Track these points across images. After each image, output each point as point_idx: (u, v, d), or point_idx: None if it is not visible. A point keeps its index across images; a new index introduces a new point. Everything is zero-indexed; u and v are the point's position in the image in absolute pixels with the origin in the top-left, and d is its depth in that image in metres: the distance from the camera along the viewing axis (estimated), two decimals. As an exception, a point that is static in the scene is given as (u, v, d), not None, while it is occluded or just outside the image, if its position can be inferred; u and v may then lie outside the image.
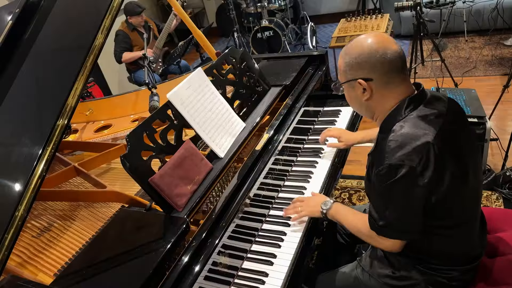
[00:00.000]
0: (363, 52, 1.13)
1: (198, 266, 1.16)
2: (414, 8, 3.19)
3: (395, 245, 1.20)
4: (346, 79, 1.20)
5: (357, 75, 1.16)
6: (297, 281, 1.30)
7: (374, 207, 1.19)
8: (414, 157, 1.05)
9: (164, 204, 1.27)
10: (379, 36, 1.15)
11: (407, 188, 1.09)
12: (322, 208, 1.40)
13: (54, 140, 1.18)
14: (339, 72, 1.24)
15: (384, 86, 1.15)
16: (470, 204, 1.21)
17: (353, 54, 1.15)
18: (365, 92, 1.17)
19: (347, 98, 1.27)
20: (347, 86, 1.22)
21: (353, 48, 1.16)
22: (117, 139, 2.08)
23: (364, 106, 1.23)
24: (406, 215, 1.13)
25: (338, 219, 1.38)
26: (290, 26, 5.57)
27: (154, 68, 3.94)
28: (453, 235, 1.20)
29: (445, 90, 2.82)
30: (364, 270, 1.40)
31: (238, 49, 1.84)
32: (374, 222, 1.19)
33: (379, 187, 1.13)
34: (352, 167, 2.88)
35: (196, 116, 1.50)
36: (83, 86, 1.26)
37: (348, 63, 1.17)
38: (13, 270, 1.22)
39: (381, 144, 1.14)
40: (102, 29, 1.32)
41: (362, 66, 1.14)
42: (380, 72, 1.13)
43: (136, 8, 3.87)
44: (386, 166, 1.09)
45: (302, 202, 1.47)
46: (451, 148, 1.11)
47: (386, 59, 1.12)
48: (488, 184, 2.47)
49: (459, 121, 1.19)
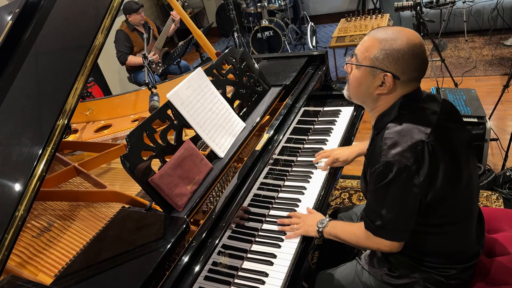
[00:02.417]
0: (405, 49, 1.07)
1: (198, 266, 1.16)
2: (414, 8, 3.19)
3: (393, 245, 1.19)
4: (372, 64, 1.11)
5: (389, 68, 1.09)
6: (297, 281, 1.29)
7: (369, 207, 1.20)
8: (408, 155, 1.05)
9: (164, 204, 1.28)
10: (420, 39, 1.09)
11: (402, 187, 1.09)
12: (318, 226, 1.37)
13: (54, 140, 1.18)
14: (363, 52, 1.13)
15: (402, 87, 1.13)
16: (465, 202, 1.20)
17: (393, 46, 1.07)
18: (382, 85, 1.12)
19: (356, 79, 1.17)
20: (367, 71, 1.13)
21: (395, 38, 1.08)
22: (117, 139, 2.08)
23: (372, 97, 1.18)
24: (403, 214, 1.13)
25: (335, 233, 1.34)
26: (290, 26, 5.57)
27: (154, 68, 3.94)
28: (448, 233, 1.20)
29: (445, 90, 2.82)
30: (363, 269, 1.40)
31: (238, 49, 1.84)
32: (370, 222, 1.19)
33: (375, 186, 1.13)
34: (352, 167, 2.87)
35: (196, 116, 1.50)
36: (83, 86, 1.26)
37: (384, 51, 1.08)
38: (13, 270, 1.22)
39: (376, 141, 1.14)
40: (102, 29, 1.32)
41: (399, 62, 1.08)
42: (409, 77, 1.10)
43: (133, 5, 3.87)
44: (382, 164, 1.08)
45: (299, 219, 1.42)
46: (444, 146, 1.11)
47: (421, 68, 1.09)
48: (488, 184, 2.47)
49: (453, 120, 1.19)
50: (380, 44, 1.09)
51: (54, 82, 1.33)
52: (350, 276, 1.44)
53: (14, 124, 1.30)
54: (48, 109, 1.26)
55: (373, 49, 1.10)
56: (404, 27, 1.15)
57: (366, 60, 1.13)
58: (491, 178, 2.46)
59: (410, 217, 1.14)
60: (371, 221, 1.19)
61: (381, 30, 1.12)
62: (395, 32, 1.09)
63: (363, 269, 1.40)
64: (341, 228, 1.35)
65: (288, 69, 2.04)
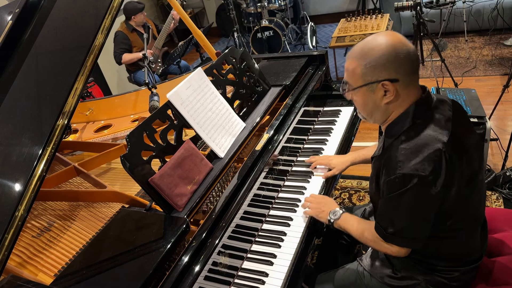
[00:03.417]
0: (386, 52, 1.06)
1: (198, 266, 1.16)
2: (414, 8, 3.19)
3: (401, 250, 1.19)
4: (365, 82, 1.12)
5: (381, 76, 1.09)
6: (297, 281, 1.30)
7: (382, 214, 1.18)
8: (426, 166, 1.04)
9: (164, 204, 1.28)
10: (395, 35, 1.09)
11: (418, 197, 1.08)
12: (330, 216, 1.38)
13: (54, 140, 1.18)
14: (351, 77, 1.15)
15: (406, 87, 1.11)
16: (475, 206, 1.20)
17: (373, 56, 1.08)
18: (386, 94, 1.11)
19: (360, 103, 1.18)
20: (364, 90, 1.13)
21: (370, 49, 1.09)
22: (117, 139, 2.08)
23: (381, 110, 1.16)
24: (416, 223, 1.13)
25: (345, 227, 1.36)
26: (290, 26, 5.57)
27: (154, 68, 3.94)
28: (455, 238, 1.20)
29: (445, 90, 2.82)
30: (365, 270, 1.40)
31: (238, 49, 1.84)
32: (382, 229, 1.18)
33: (389, 194, 1.12)
34: (352, 167, 2.86)
35: (196, 116, 1.50)
36: (83, 86, 1.26)
37: (369, 65, 1.09)
38: (13, 270, 1.22)
39: (390, 150, 1.12)
40: (102, 29, 1.32)
41: (386, 67, 1.07)
42: (405, 73, 1.08)
43: (137, 5, 3.86)
44: (399, 176, 1.07)
45: (315, 200, 1.45)
46: (460, 152, 1.10)
47: (409, 58, 1.07)
48: (488, 184, 2.47)
49: (464, 122, 1.18)
50: (360, 61, 1.10)
51: (54, 82, 1.33)
52: (351, 278, 1.43)
53: (14, 124, 1.30)
54: (48, 109, 1.26)
55: (357, 69, 1.11)
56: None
57: (358, 81, 1.13)
58: (491, 178, 2.46)
59: (423, 226, 1.13)
60: (382, 227, 1.18)
61: (355, 48, 1.13)
62: (369, 42, 1.10)
63: (365, 271, 1.40)
64: (351, 224, 1.35)
65: (288, 69, 2.04)
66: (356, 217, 1.38)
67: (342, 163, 1.65)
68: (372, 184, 1.24)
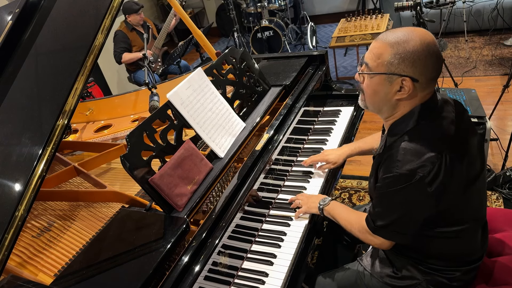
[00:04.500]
0: (420, 49, 1.01)
1: (198, 266, 1.16)
2: (414, 8, 3.18)
3: (384, 243, 1.20)
4: (387, 70, 1.05)
5: (405, 71, 1.03)
6: (297, 281, 1.30)
7: (375, 207, 1.19)
8: (424, 168, 1.04)
9: (164, 204, 1.28)
10: (433, 38, 1.04)
11: (412, 197, 1.08)
12: (320, 204, 1.41)
13: (54, 140, 1.18)
14: (374, 60, 1.08)
15: (422, 90, 1.08)
16: (476, 206, 1.20)
17: (407, 48, 1.02)
18: (401, 90, 1.07)
19: (371, 90, 1.13)
20: (382, 78, 1.08)
21: (406, 40, 1.02)
22: (117, 139, 2.08)
23: (390, 104, 1.12)
24: (406, 220, 1.14)
25: (333, 215, 1.38)
26: (290, 26, 5.57)
27: (154, 68, 3.94)
28: (456, 238, 1.20)
29: (445, 90, 2.82)
30: (365, 270, 1.40)
31: (238, 49, 1.84)
32: (372, 221, 1.19)
33: (385, 190, 1.12)
34: (352, 167, 2.87)
35: (196, 116, 1.50)
36: (83, 86, 1.26)
37: (398, 55, 1.03)
38: (13, 270, 1.22)
39: (391, 148, 1.12)
40: (102, 29, 1.32)
41: (415, 65, 1.02)
42: (427, 77, 1.05)
43: (133, 6, 3.87)
44: (396, 175, 1.07)
45: (303, 197, 1.49)
46: (462, 154, 1.10)
47: (438, 65, 1.05)
48: (488, 184, 2.47)
49: (466, 123, 1.18)
50: (392, 48, 1.04)
51: (54, 82, 1.33)
52: (351, 278, 1.43)
53: (14, 124, 1.30)
54: (48, 109, 1.26)
55: (385, 55, 1.05)
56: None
57: (379, 67, 1.07)
58: (491, 178, 2.46)
59: (413, 224, 1.14)
60: (372, 220, 1.19)
61: (390, 34, 1.06)
62: (406, 34, 1.04)
63: (365, 271, 1.40)
64: (339, 212, 1.37)
65: (288, 69, 2.04)
66: (347, 208, 1.40)
67: (339, 156, 1.66)
68: (371, 180, 1.25)
